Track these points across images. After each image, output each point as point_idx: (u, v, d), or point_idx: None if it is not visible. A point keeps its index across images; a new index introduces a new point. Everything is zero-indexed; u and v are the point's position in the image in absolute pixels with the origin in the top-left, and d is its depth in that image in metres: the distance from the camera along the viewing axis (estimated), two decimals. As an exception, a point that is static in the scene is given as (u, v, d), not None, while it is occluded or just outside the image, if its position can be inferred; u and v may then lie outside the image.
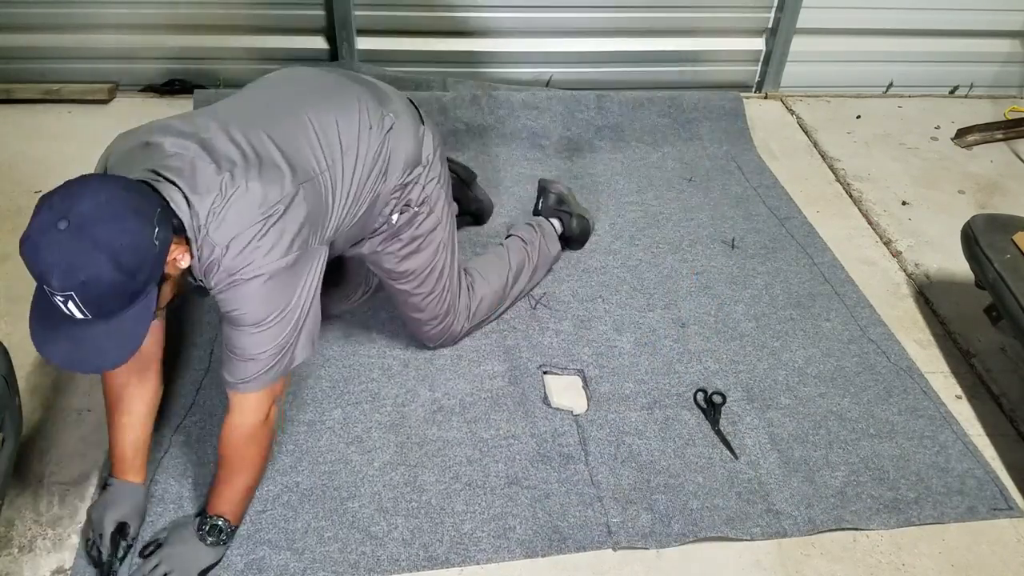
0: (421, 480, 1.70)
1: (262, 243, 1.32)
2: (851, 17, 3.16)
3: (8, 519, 1.57)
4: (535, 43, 3.07)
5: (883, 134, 3.12)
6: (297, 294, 1.41)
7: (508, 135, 2.83)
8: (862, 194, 2.76)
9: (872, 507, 1.70)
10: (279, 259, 1.35)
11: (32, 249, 1.13)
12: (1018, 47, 3.33)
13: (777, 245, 2.45)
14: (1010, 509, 1.73)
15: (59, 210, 1.13)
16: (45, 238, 1.12)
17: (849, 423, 1.89)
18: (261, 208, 1.33)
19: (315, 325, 1.48)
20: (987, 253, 1.92)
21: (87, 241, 1.12)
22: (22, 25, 2.84)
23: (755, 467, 1.77)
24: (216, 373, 1.88)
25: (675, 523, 1.64)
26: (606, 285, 2.24)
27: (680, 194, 2.66)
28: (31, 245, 1.13)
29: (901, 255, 2.48)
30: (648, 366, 2.00)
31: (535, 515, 1.64)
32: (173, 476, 1.66)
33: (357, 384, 1.90)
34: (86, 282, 1.13)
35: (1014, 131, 3.11)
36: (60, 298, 1.14)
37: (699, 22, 3.11)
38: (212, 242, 1.29)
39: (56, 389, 1.84)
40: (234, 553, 1.53)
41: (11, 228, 2.30)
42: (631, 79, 3.16)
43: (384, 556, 1.56)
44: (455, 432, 1.80)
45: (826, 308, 2.22)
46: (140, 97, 2.96)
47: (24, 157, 2.59)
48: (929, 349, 2.14)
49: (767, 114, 3.20)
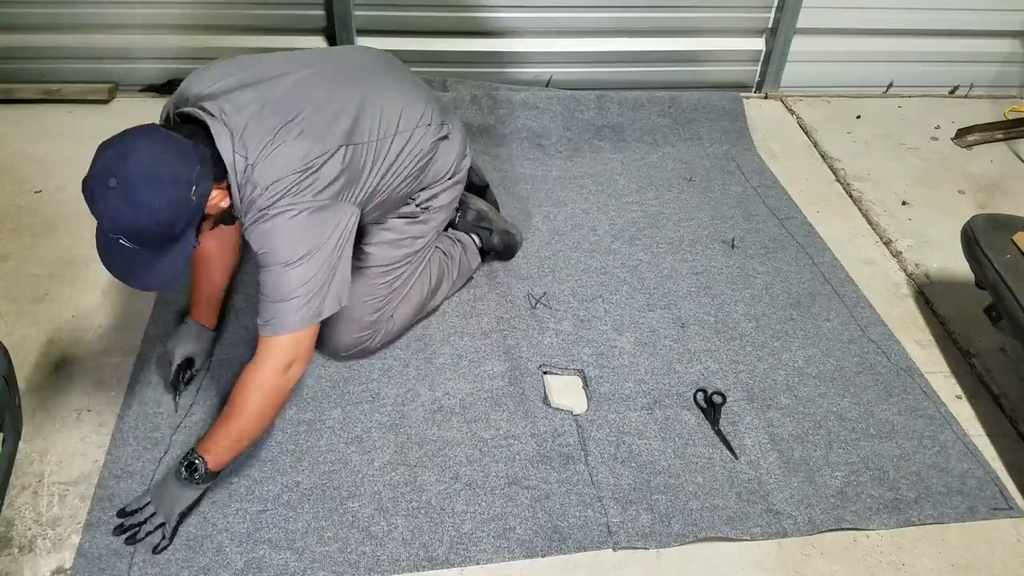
0: (421, 480, 1.70)
1: (296, 187, 1.49)
2: (851, 17, 3.16)
3: (8, 519, 1.57)
4: (535, 43, 3.07)
5: (883, 134, 3.12)
6: (324, 241, 1.52)
7: (508, 135, 2.83)
8: (862, 194, 2.76)
9: (872, 507, 1.70)
10: (308, 201, 1.50)
11: (89, 196, 1.35)
12: (1018, 47, 3.34)
13: (777, 245, 2.45)
14: (1010, 509, 1.73)
15: (112, 168, 1.33)
16: (98, 191, 1.33)
17: (849, 423, 1.89)
18: (304, 160, 1.50)
19: (344, 283, 1.59)
20: (987, 253, 1.92)
21: (131, 200, 1.32)
22: (22, 25, 2.84)
23: (755, 467, 1.77)
24: (216, 373, 1.89)
25: (675, 523, 1.64)
26: (606, 285, 2.24)
27: (680, 194, 2.66)
28: (88, 192, 1.35)
29: (901, 255, 2.48)
30: (648, 366, 2.00)
31: (535, 515, 1.64)
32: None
33: (357, 384, 1.90)
34: (130, 231, 1.35)
35: (1014, 131, 3.11)
36: (112, 236, 1.36)
37: (699, 22, 3.11)
38: (254, 183, 1.47)
39: (56, 389, 1.84)
40: (234, 552, 1.54)
41: (11, 228, 2.30)
42: (631, 79, 3.15)
43: (384, 556, 1.56)
44: (455, 432, 1.80)
45: (826, 308, 2.22)
46: (140, 97, 2.96)
47: (24, 157, 2.60)
48: (929, 349, 2.14)
49: (767, 114, 3.20)
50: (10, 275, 2.14)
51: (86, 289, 2.11)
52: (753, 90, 3.33)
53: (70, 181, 2.50)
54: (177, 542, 1.54)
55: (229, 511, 1.61)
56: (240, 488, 1.65)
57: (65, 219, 2.34)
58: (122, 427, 1.75)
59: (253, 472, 1.68)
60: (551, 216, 2.50)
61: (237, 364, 1.90)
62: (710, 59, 3.21)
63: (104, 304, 2.07)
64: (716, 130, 2.98)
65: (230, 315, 2.03)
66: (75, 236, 2.28)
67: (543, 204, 2.55)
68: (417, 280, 1.96)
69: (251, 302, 2.08)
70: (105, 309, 2.05)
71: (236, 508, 1.61)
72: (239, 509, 1.61)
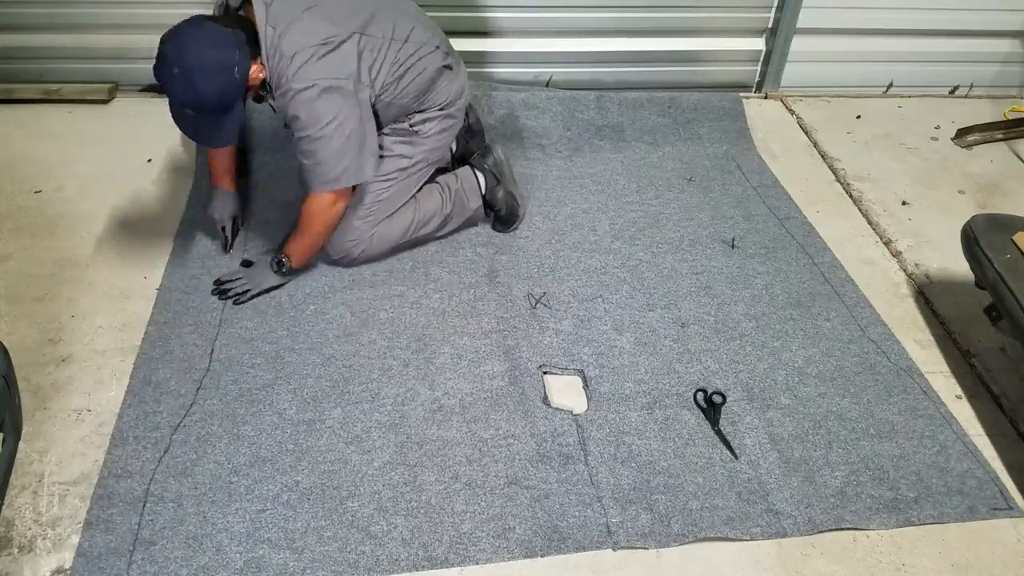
0: (421, 480, 1.70)
1: (320, 62, 1.84)
2: (851, 17, 3.16)
3: (8, 519, 1.57)
4: (535, 43, 3.07)
5: (883, 134, 3.12)
6: (347, 113, 1.87)
7: (508, 135, 2.83)
8: (862, 194, 2.76)
9: (872, 507, 1.70)
10: (330, 77, 1.85)
11: (159, 79, 1.78)
12: (1018, 47, 3.33)
13: (777, 245, 2.45)
14: (1010, 509, 1.73)
15: (173, 59, 1.75)
16: (165, 76, 1.76)
17: (849, 423, 1.89)
18: (320, 35, 1.86)
19: (372, 156, 1.97)
20: (987, 253, 1.92)
21: (192, 85, 1.76)
22: (22, 25, 2.84)
23: (755, 467, 1.77)
24: (217, 374, 1.89)
25: (675, 523, 1.64)
26: (606, 285, 2.24)
27: (680, 194, 2.66)
28: (158, 77, 1.77)
29: (901, 255, 2.48)
30: (648, 366, 2.00)
31: (534, 515, 1.64)
32: (173, 475, 1.66)
33: (357, 384, 1.90)
34: (194, 104, 1.81)
35: (1014, 131, 3.11)
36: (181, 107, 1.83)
37: (699, 22, 3.11)
38: (281, 52, 1.83)
39: (56, 389, 1.84)
40: (233, 551, 1.54)
41: (11, 228, 2.30)
42: (631, 79, 3.15)
43: (383, 556, 1.56)
44: (455, 432, 1.80)
45: (826, 308, 2.22)
46: (140, 97, 2.96)
47: (24, 157, 2.60)
48: (929, 349, 2.14)
49: (767, 114, 3.20)
50: (10, 275, 2.14)
51: (86, 289, 2.11)
52: (753, 90, 3.33)
53: (70, 181, 2.51)
54: (177, 541, 1.54)
55: (229, 510, 1.61)
56: (240, 487, 1.65)
57: (65, 219, 2.34)
58: (121, 426, 1.75)
59: (253, 471, 1.68)
60: (551, 216, 2.50)
61: (237, 364, 1.91)
62: (710, 59, 3.21)
63: (104, 304, 2.07)
64: (716, 130, 2.98)
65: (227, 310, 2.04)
66: (75, 236, 2.28)
67: (543, 204, 2.55)
68: (405, 208, 2.19)
69: (251, 302, 2.09)
70: (105, 309, 2.05)
71: (236, 507, 1.61)
72: (239, 508, 1.61)
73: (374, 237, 2.15)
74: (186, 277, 2.15)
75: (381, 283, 2.18)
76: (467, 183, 2.32)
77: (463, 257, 2.31)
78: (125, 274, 2.17)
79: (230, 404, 1.82)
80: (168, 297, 2.09)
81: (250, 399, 1.84)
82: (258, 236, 2.32)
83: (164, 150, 2.67)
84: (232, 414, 1.80)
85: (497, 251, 2.34)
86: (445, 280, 2.22)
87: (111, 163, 2.59)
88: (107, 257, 2.22)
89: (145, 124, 2.78)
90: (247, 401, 1.83)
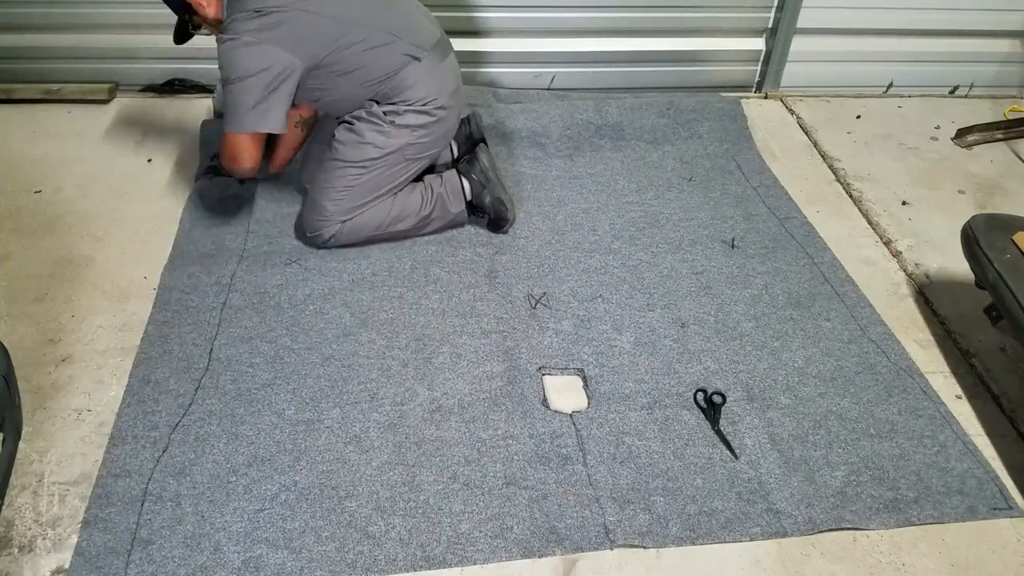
0: (419, 480, 1.70)
1: (246, 24, 1.95)
2: (851, 17, 3.16)
3: (8, 519, 1.57)
4: (535, 43, 3.07)
5: (883, 134, 3.12)
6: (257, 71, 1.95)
7: (508, 135, 2.83)
8: (862, 194, 2.76)
9: (872, 507, 1.70)
10: (244, 34, 1.94)
11: None
12: (1018, 47, 3.33)
13: (777, 245, 2.45)
14: (1010, 509, 1.73)
15: None
16: None
17: (849, 423, 1.89)
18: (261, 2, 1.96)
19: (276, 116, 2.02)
20: (987, 253, 1.92)
21: None
22: (22, 25, 2.85)
23: (755, 467, 1.77)
24: (216, 374, 1.89)
25: (673, 525, 1.64)
26: (606, 285, 2.24)
27: (680, 194, 2.65)
28: None
29: (901, 255, 2.47)
30: (648, 366, 2.00)
31: (532, 515, 1.64)
32: (171, 475, 1.66)
33: (356, 384, 1.90)
34: None
35: (1014, 131, 3.10)
36: None
37: (699, 22, 3.11)
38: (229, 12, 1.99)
39: (56, 389, 1.84)
40: (231, 551, 1.54)
41: (11, 228, 2.30)
42: (631, 79, 3.16)
43: (381, 556, 1.55)
44: (453, 432, 1.80)
45: (826, 308, 2.22)
46: (140, 97, 2.97)
47: (24, 157, 2.60)
48: (929, 349, 2.14)
49: (767, 114, 3.20)
50: (10, 275, 2.14)
51: (86, 289, 2.11)
52: (753, 90, 3.33)
53: (70, 181, 2.51)
54: (175, 540, 1.54)
55: (227, 510, 1.61)
56: (238, 487, 1.65)
57: (65, 219, 2.34)
58: (120, 426, 1.75)
59: (251, 471, 1.68)
60: (551, 216, 2.50)
61: (236, 364, 1.91)
62: (710, 59, 3.21)
63: (104, 304, 2.07)
64: (716, 130, 2.98)
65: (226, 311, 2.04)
66: (75, 236, 2.28)
67: (543, 204, 2.55)
68: (382, 202, 2.24)
69: (250, 302, 2.08)
70: (105, 309, 2.05)
71: (234, 507, 1.61)
72: (237, 508, 1.61)
73: (347, 225, 2.21)
74: (185, 277, 2.15)
75: (381, 283, 2.18)
76: (451, 187, 2.32)
77: (463, 257, 2.31)
78: (125, 274, 2.17)
79: (229, 404, 1.82)
80: (167, 297, 2.09)
81: (249, 399, 1.84)
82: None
83: (164, 150, 2.67)
84: (231, 414, 1.80)
85: (497, 251, 2.34)
86: (445, 280, 2.22)
87: (111, 163, 2.59)
88: (107, 257, 2.22)
89: (145, 124, 2.78)
90: (246, 401, 1.83)
